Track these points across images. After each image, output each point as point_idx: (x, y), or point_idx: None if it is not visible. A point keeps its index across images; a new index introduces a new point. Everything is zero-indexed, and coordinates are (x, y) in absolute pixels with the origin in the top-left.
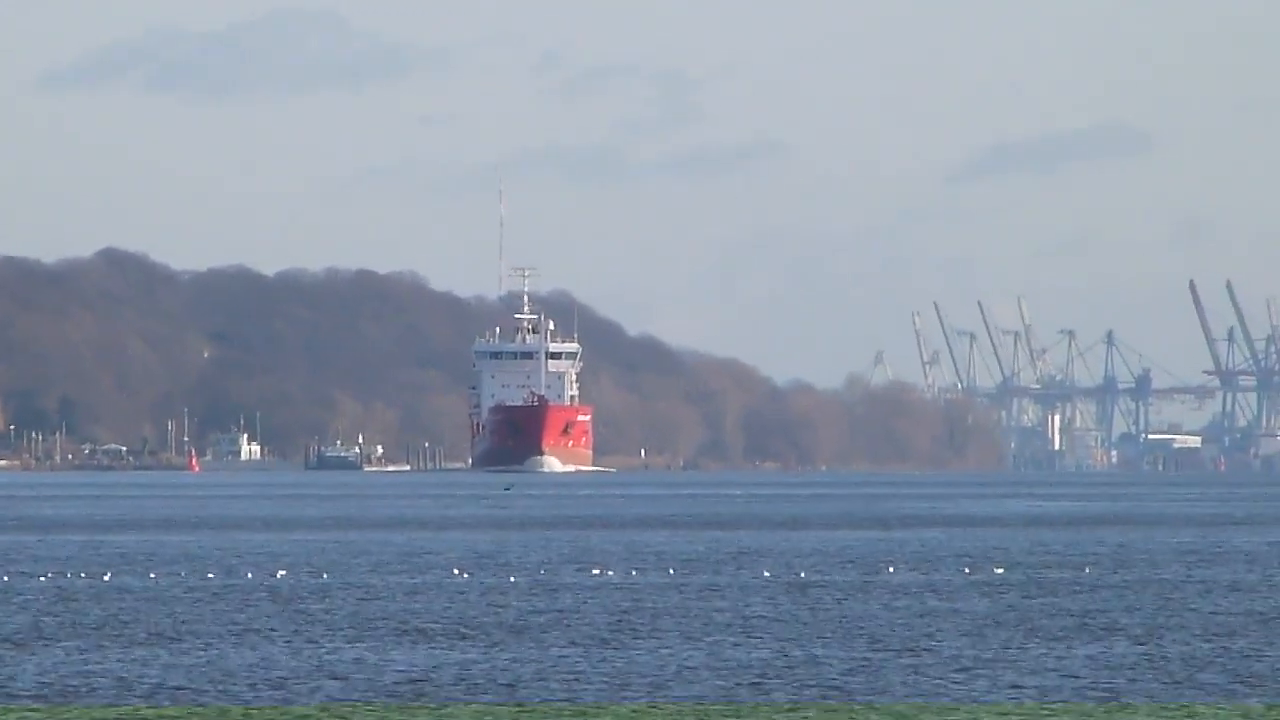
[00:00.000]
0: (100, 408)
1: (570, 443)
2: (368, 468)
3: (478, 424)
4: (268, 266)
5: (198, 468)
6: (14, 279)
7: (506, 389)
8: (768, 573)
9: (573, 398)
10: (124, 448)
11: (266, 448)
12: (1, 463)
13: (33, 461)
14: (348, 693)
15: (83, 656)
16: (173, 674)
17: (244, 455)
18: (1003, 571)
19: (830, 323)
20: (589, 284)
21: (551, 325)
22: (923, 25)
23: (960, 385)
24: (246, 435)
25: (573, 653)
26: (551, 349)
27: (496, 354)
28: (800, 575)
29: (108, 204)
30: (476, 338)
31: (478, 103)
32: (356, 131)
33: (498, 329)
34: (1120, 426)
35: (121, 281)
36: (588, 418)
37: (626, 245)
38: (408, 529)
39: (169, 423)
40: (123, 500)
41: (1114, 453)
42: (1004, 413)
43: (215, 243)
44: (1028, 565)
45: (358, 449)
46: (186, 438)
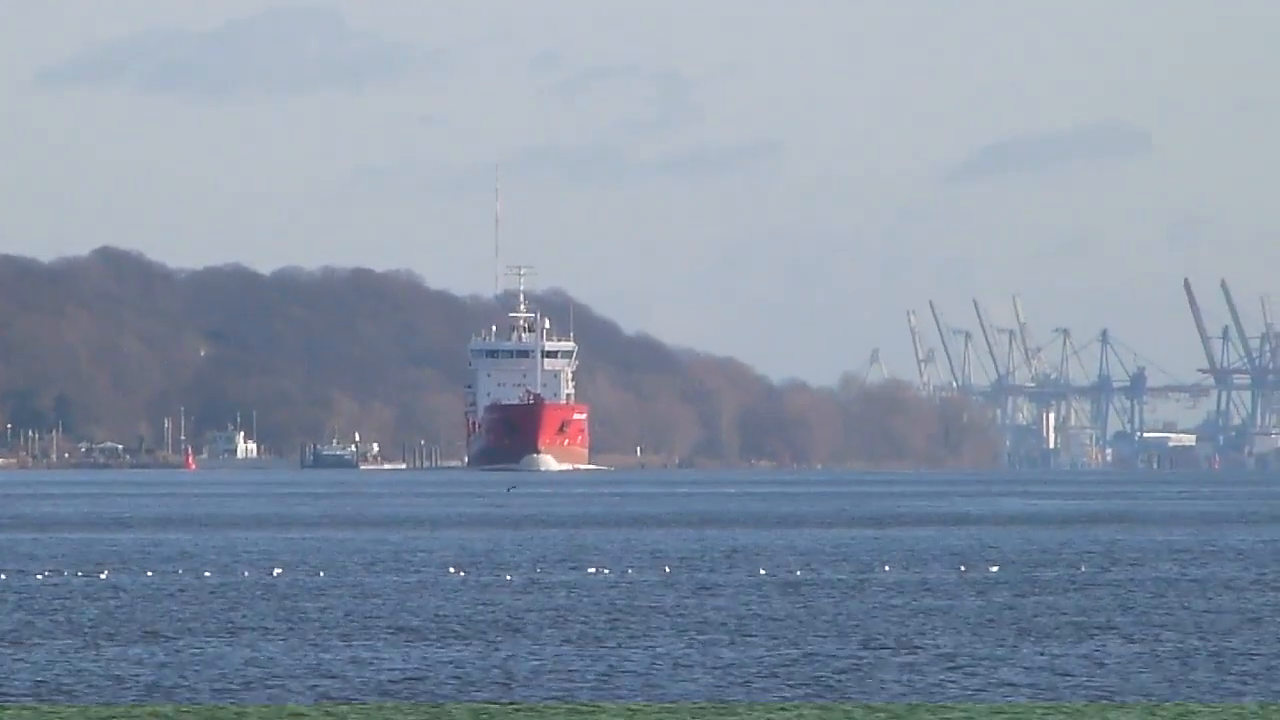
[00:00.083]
0: (97, 406)
1: (566, 441)
2: (363, 466)
3: (474, 422)
4: (264, 265)
5: (194, 466)
6: (11, 278)
7: (502, 387)
8: (763, 570)
9: (568, 396)
10: (121, 446)
11: (263, 446)
12: None
13: (30, 460)
14: (343, 691)
15: (79, 655)
16: (168, 672)
17: (240, 453)
18: (997, 570)
19: (826, 322)
20: (585, 283)
21: (547, 324)
22: (921, 25)
23: (955, 384)
24: (243, 433)
25: (567, 651)
26: (547, 347)
27: (492, 352)
28: (795, 574)
29: (104, 203)
30: (472, 336)
31: (476, 102)
32: (354, 131)
33: (493, 327)
34: (1115, 425)
35: (118, 280)
36: (583, 416)
37: (622, 244)
38: (403, 527)
39: (165, 421)
40: (119, 498)
41: (1109, 451)
42: (999, 411)
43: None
44: (1022, 563)
45: (354, 447)
46: (183, 436)
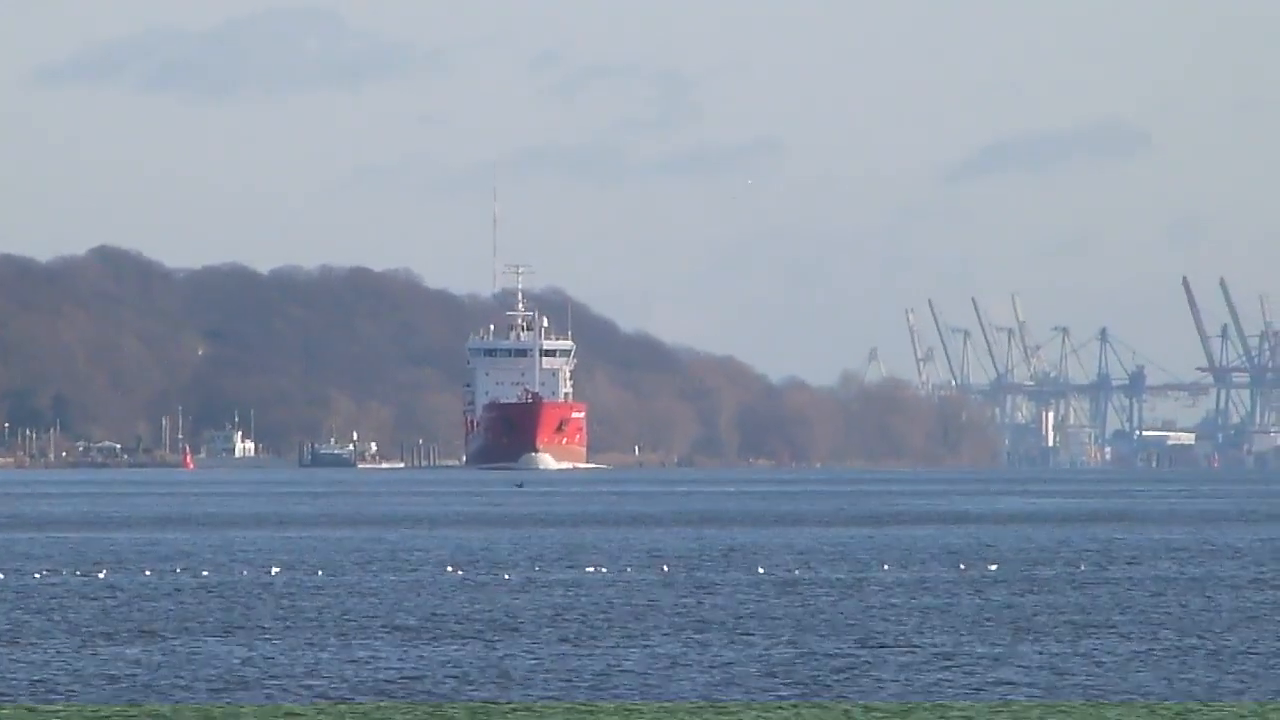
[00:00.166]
0: (95, 405)
1: (564, 440)
2: (362, 465)
3: (472, 421)
4: (263, 264)
5: (192, 465)
6: (9, 277)
7: (501, 386)
8: (761, 569)
9: (567, 395)
10: (119, 445)
11: (261, 445)
12: None
13: (27, 459)
14: (340, 690)
15: (75, 654)
16: (164, 672)
17: (238, 452)
18: (995, 568)
19: (825, 320)
20: (584, 282)
21: (546, 322)
22: (921, 25)
23: (954, 382)
24: (241, 433)
25: (565, 650)
26: (546, 346)
27: (491, 351)
28: (793, 573)
29: (103, 202)
30: (471, 335)
31: (476, 102)
32: (354, 130)
33: (492, 326)
34: (1114, 423)
35: (116, 279)
36: (582, 415)
37: (621, 243)
38: (401, 526)
39: (164, 420)
40: (117, 498)
41: (1108, 449)
42: (998, 410)
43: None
44: (1020, 562)
45: (352, 446)
46: (181, 435)
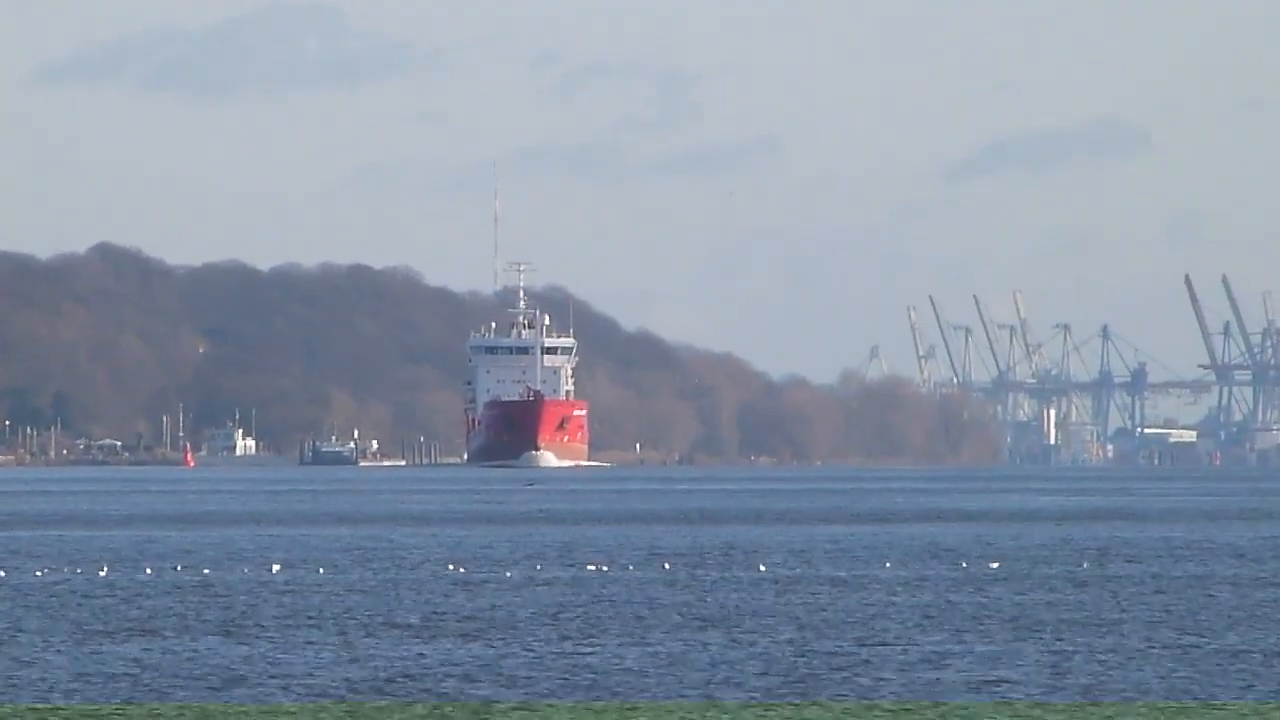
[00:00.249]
0: (95, 403)
1: (566, 438)
2: (362, 463)
3: (473, 419)
4: (263, 262)
5: (193, 463)
6: (8, 275)
7: (502, 384)
8: (761, 567)
9: (568, 393)
10: (119, 443)
11: (261, 443)
12: None
13: (28, 457)
14: (340, 689)
15: (74, 653)
16: (163, 670)
17: (239, 450)
18: (996, 566)
19: (826, 318)
20: (585, 280)
21: (547, 320)
22: (921, 24)
23: (955, 380)
24: (241, 430)
25: (565, 647)
26: (547, 344)
27: (492, 349)
28: (793, 570)
29: (103, 200)
30: (471, 333)
31: (476, 101)
32: (354, 129)
33: (493, 324)
34: (1116, 421)
35: (116, 277)
36: (583, 413)
37: (622, 242)
38: (402, 524)
39: (164, 418)
40: (118, 496)
41: (1109, 447)
42: (999, 407)
43: (210, 238)
44: (1021, 560)
45: (352, 444)
46: (181, 433)
